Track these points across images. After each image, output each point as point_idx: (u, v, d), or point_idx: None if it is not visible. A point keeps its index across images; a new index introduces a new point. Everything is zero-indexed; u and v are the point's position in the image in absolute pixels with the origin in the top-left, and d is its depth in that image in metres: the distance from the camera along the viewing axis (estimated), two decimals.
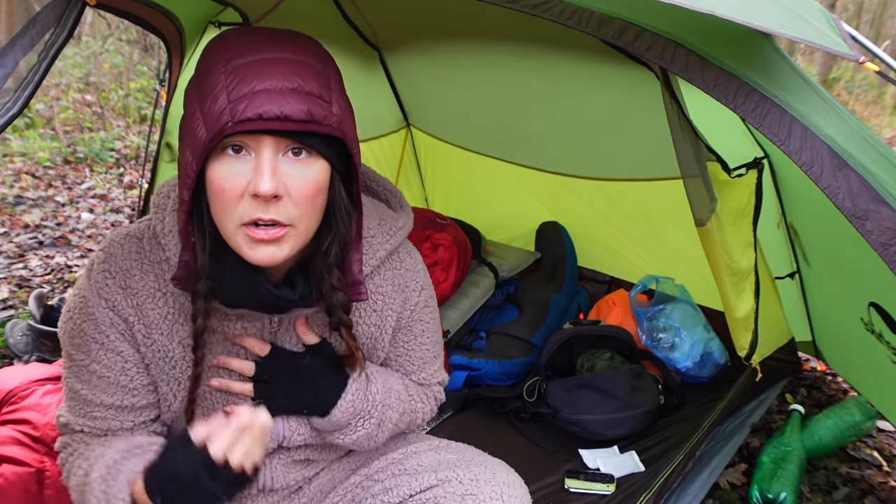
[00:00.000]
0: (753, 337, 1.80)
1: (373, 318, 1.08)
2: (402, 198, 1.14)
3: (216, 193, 0.83)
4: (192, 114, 0.83)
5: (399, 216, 1.10)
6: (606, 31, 0.95)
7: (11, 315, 2.73)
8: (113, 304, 0.94)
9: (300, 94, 0.79)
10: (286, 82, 0.79)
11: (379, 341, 1.10)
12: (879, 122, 8.23)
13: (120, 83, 6.83)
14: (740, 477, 1.91)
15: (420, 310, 1.13)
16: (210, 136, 0.79)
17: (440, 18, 2.20)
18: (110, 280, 0.94)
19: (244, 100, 0.78)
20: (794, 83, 0.96)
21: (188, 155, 0.83)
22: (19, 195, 4.25)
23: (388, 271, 1.08)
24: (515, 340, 2.19)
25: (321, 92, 0.82)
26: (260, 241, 0.83)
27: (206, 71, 0.83)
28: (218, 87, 0.79)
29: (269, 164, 0.81)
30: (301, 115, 0.79)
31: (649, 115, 1.84)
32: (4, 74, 0.89)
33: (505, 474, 1.08)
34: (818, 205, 1.45)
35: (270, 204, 0.82)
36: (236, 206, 0.82)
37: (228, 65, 0.80)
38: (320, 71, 0.83)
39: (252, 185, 0.81)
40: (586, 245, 2.64)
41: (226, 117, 0.78)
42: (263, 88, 0.78)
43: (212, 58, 0.83)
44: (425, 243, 2.34)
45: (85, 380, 0.96)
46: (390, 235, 1.06)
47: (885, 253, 0.87)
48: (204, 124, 0.80)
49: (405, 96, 2.82)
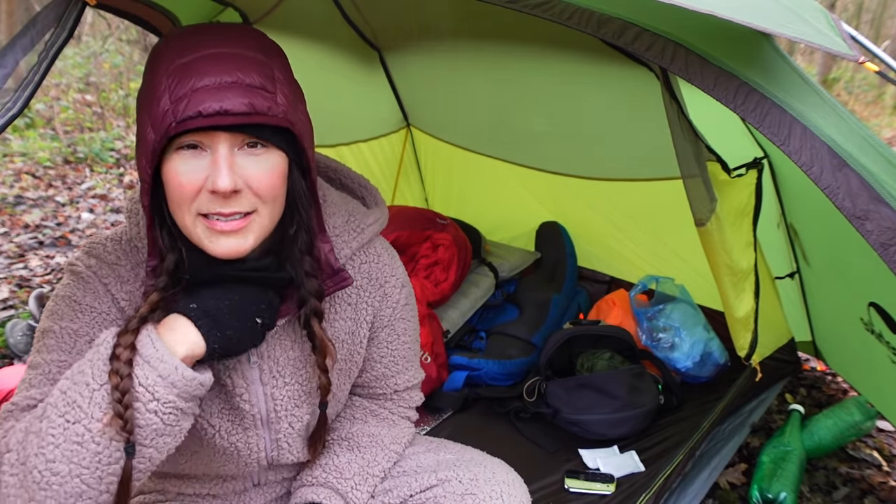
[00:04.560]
0: (753, 337, 1.80)
1: (348, 312, 1.07)
2: (378, 195, 1.14)
3: (174, 189, 0.83)
4: (142, 119, 0.83)
5: (370, 213, 1.09)
6: (606, 31, 0.95)
7: (11, 315, 2.73)
8: (105, 283, 0.93)
9: (240, 88, 0.79)
10: (225, 77, 0.79)
11: (356, 335, 1.09)
12: (879, 122, 8.23)
13: (120, 83, 6.83)
14: (740, 477, 1.91)
15: (402, 307, 1.13)
16: (158, 138, 0.79)
17: (440, 18, 2.20)
18: (102, 269, 0.94)
19: (184, 98, 0.78)
20: (794, 83, 0.96)
21: (142, 160, 0.83)
22: (19, 195, 4.25)
23: (362, 264, 1.07)
24: (515, 340, 2.19)
25: (263, 83, 0.81)
26: (221, 232, 0.84)
27: (150, 75, 0.83)
28: (161, 89, 0.79)
29: (225, 160, 0.81)
30: (242, 108, 0.78)
31: (649, 115, 1.84)
32: (4, 74, 0.89)
33: (504, 474, 1.08)
34: (818, 205, 1.45)
35: (230, 198, 0.82)
36: (193, 200, 0.83)
37: (171, 66, 0.80)
38: (262, 62, 0.83)
39: (210, 180, 0.81)
40: (586, 245, 2.64)
41: (169, 118, 0.78)
42: (203, 85, 0.78)
43: (155, 60, 0.83)
44: (425, 243, 2.34)
45: (44, 346, 0.90)
46: (357, 232, 1.06)
47: (885, 253, 0.87)
48: (151, 127, 0.80)
49: (405, 96, 2.82)
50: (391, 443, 1.16)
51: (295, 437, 1.06)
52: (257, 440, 1.04)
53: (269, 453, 1.06)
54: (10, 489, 0.80)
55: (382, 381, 1.17)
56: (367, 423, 1.17)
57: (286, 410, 1.03)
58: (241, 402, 0.99)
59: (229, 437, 1.01)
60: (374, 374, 1.16)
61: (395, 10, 2.25)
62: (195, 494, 1.10)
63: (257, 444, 1.04)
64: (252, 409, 1.00)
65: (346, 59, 2.51)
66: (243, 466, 1.07)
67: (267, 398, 1.01)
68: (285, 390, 1.02)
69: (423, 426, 1.88)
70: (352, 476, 1.09)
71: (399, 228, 2.36)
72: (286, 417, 1.03)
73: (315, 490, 1.08)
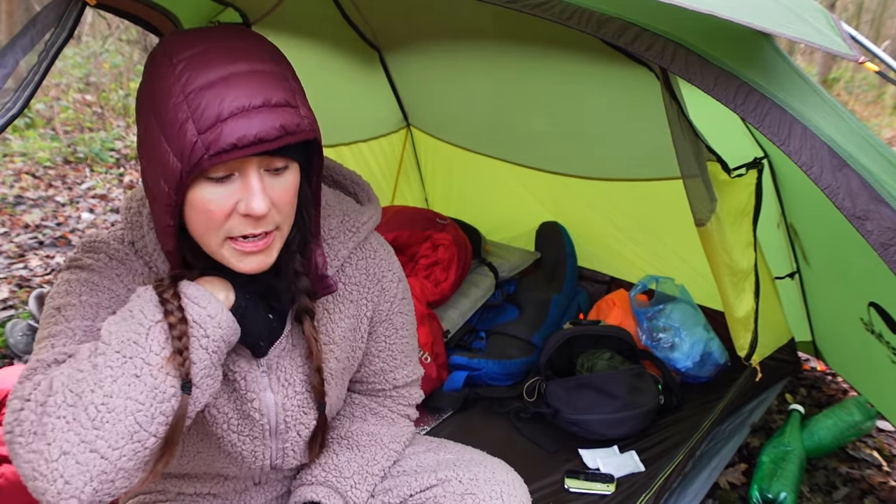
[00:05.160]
0: (753, 337, 1.80)
1: (351, 310, 1.07)
2: (370, 191, 1.14)
3: (201, 213, 0.82)
4: (154, 140, 0.80)
5: (364, 210, 1.10)
6: (606, 31, 0.95)
7: (11, 315, 2.73)
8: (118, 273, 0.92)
9: (268, 110, 0.77)
10: (252, 100, 0.76)
11: (357, 332, 1.09)
12: (879, 122, 8.23)
13: (120, 83, 6.83)
14: (740, 477, 1.91)
15: (399, 301, 1.13)
16: (186, 169, 0.77)
17: (440, 18, 2.20)
18: (112, 262, 0.93)
19: (214, 129, 0.75)
20: (794, 83, 0.96)
21: (163, 184, 0.80)
22: (19, 195, 4.25)
23: (360, 261, 1.08)
24: (515, 340, 2.19)
25: (287, 99, 0.79)
26: (249, 252, 0.85)
27: (161, 94, 0.78)
28: (181, 117, 0.76)
29: (258, 185, 0.81)
30: (274, 132, 0.77)
31: (649, 115, 1.84)
32: (4, 74, 0.89)
33: (504, 473, 1.08)
34: (818, 205, 1.45)
35: (261, 220, 0.83)
36: (223, 224, 0.83)
37: (188, 88, 0.76)
38: (280, 74, 0.81)
39: (244, 204, 0.81)
40: (586, 245, 2.64)
41: (199, 151, 0.76)
42: (231, 113, 0.75)
43: (165, 74, 0.78)
44: (425, 243, 2.34)
45: (55, 321, 0.88)
46: (353, 232, 1.06)
47: (885, 253, 0.87)
48: (174, 156, 0.77)
49: (405, 96, 2.82)
50: (390, 441, 1.16)
51: (301, 444, 1.06)
52: (263, 449, 1.04)
53: (273, 461, 1.06)
54: (58, 432, 0.76)
55: (381, 377, 1.17)
56: (366, 422, 1.17)
57: (295, 420, 1.03)
58: (252, 409, 0.99)
59: (235, 445, 1.02)
60: (373, 369, 1.16)
61: (395, 10, 2.25)
62: (196, 494, 1.11)
63: (263, 452, 1.04)
64: (262, 418, 1.00)
65: (346, 59, 2.51)
66: (246, 470, 1.07)
67: (277, 408, 1.01)
68: (296, 399, 1.02)
69: (423, 426, 1.88)
70: (351, 475, 1.09)
71: (399, 228, 2.36)
72: (294, 427, 1.03)
73: (314, 489, 1.08)
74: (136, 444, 0.78)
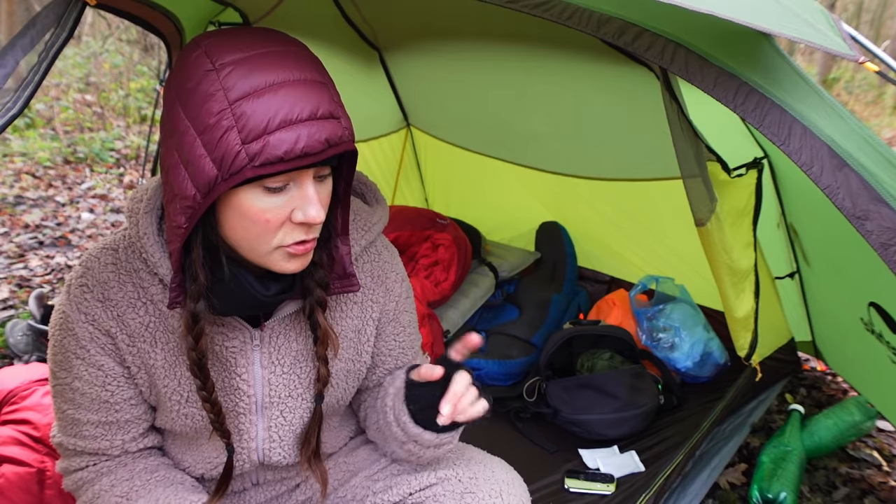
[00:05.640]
0: (753, 337, 1.81)
1: (355, 311, 1.08)
2: (378, 191, 1.15)
3: (257, 223, 0.83)
4: (188, 142, 0.78)
5: (374, 211, 1.10)
6: (606, 31, 0.95)
7: (11, 315, 2.73)
8: (93, 318, 0.93)
9: (315, 124, 0.77)
10: (299, 112, 0.76)
11: (363, 334, 1.10)
12: (879, 122, 8.22)
13: (120, 83, 6.83)
14: (740, 477, 1.91)
15: (404, 300, 1.15)
16: (224, 177, 0.77)
17: (440, 18, 2.20)
18: (88, 294, 0.93)
19: (259, 140, 0.75)
20: (794, 83, 0.96)
21: (189, 186, 0.79)
22: (19, 195, 4.25)
23: (366, 263, 1.09)
24: (515, 340, 2.19)
25: (332, 111, 0.80)
26: (296, 255, 0.87)
27: (200, 97, 0.77)
28: (224, 124, 0.75)
29: (315, 194, 0.83)
30: (320, 146, 0.78)
31: (649, 115, 1.84)
32: (4, 74, 0.89)
33: (504, 473, 1.08)
34: (818, 205, 1.45)
35: (313, 226, 0.85)
36: (276, 232, 0.84)
37: (230, 96, 0.75)
38: (324, 84, 0.81)
39: (301, 213, 0.82)
40: (586, 245, 2.64)
41: (242, 160, 0.75)
42: (279, 126, 0.75)
43: (204, 80, 0.77)
44: (425, 243, 2.34)
45: (69, 398, 0.97)
46: (365, 231, 1.07)
47: (885, 253, 0.87)
48: (212, 162, 0.76)
49: (405, 96, 2.82)
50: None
51: (287, 429, 1.06)
52: (249, 426, 1.04)
53: (260, 445, 1.06)
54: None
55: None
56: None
57: (280, 398, 1.04)
58: (241, 381, 1.01)
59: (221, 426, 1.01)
60: (386, 369, 1.16)
61: (395, 11, 2.25)
62: None
63: (248, 430, 1.04)
64: (249, 389, 1.02)
65: (346, 59, 2.51)
66: (241, 464, 1.07)
67: (264, 383, 1.02)
68: (282, 378, 1.03)
69: None
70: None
71: (399, 228, 2.36)
72: (278, 405, 1.04)
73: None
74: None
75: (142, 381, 0.98)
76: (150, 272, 0.94)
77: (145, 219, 0.93)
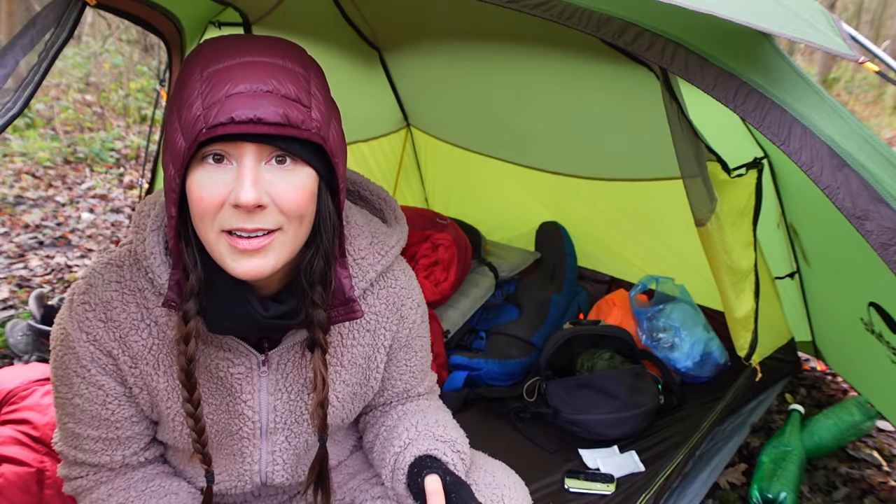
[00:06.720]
0: (753, 337, 1.80)
1: (367, 339, 1.04)
2: (398, 208, 1.11)
3: (195, 202, 0.79)
4: (171, 125, 0.80)
5: (392, 232, 1.07)
6: (606, 31, 0.95)
7: (11, 315, 2.73)
8: (94, 337, 0.91)
9: (275, 97, 0.75)
10: (261, 84, 0.75)
11: (373, 360, 1.07)
12: (879, 122, 8.22)
13: (120, 83, 6.83)
14: (740, 477, 1.91)
15: (418, 327, 1.11)
16: (187, 145, 0.76)
17: (440, 18, 2.20)
18: (90, 312, 0.91)
19: (217, 104, 0.74)
20: (794, 83, 0.96)
21: (170, 168, 0.80)
22: (19, 195, 4.25)
23: (382, 290, 1.05)
24: (515, 340, 2.19)
25: (299, 95, 0.77)
26: (244, 251, 0.79)
27: (183, 80, 0.80)
28: (193, 95, 0.76)
29: (250, 173, 0.76)
30: (276, 117, 0.75)
31: (649, 115, 1.84)
32: (5, 74, 0.89)
33: (505, 477, 1.07)
34: (818, 205, 1.45)
35: (254, 214, 0.78)
36: (216, 215, 0.78)
37: (204, 72, 0.77)
38: (300, 74, 0.79)
39: (233, 194, 0.77)
40: (586, 245, 2.64)
41: (200, 123, 0.75)
42: (237, 92, 0.75)
43: (189, 66, 0.80)
44: (425, 243, 2.34)
45: (69, 412, 0.96)
46: (381, 255, 1.03)
47: (885, 253, 0.87)
48: (181, 134, 0.77)
49: (405, 96, 2.82)
50: (438, 407, 1.18)
51: (290, 454, 1.05)
52: (252, 450, 1.03)
53: (263, 468, 1.05)
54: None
55: (404, 395, 1.16)
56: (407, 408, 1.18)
57: (285, 424, 1.02)
58: (246, 407, 0.99)
59: (224, 438, 1.01)
60: (396, 392, 1.15)
61: (395, 10, 2.25)
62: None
63: (252, 454, 1.03)
64: (255, 416, 1.00)
65: (346, 59, 2.51)
66: (242, 484, 1.06)
67: (270, 409, 1.01)
68: (288, 405, 1.01)
69: None
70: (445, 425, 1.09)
71: None
72: (283, 430, 1.02)
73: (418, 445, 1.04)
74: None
75: (143, 401, 0.97)
76: (155, 293, 0.91)
77: (152, 237, 0.91)
